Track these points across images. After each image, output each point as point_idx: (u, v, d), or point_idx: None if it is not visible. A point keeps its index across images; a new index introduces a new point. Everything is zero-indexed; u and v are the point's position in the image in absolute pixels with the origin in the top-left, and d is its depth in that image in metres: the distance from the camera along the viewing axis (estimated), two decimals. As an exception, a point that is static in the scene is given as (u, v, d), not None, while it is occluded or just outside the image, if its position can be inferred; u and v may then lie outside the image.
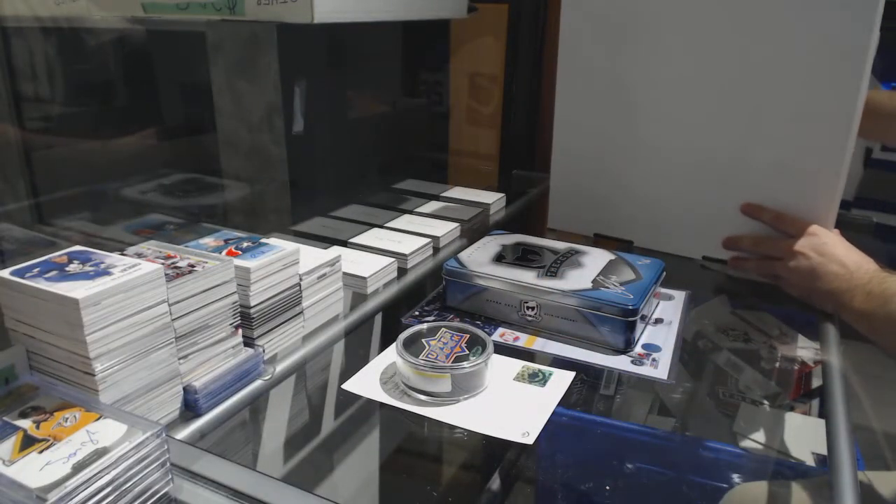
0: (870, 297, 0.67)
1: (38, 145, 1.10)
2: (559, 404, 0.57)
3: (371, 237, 0.88)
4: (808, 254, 0.74)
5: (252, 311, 0.59)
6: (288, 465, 0.56)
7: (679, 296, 0.77)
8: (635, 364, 0.63)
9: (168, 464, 0.44)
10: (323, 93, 0.99)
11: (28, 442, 0.42)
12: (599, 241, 0.95)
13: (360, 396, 0.58)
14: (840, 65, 0.73)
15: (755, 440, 0.63)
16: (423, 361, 0.56)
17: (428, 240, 0.88)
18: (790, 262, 0.76)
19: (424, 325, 0.61)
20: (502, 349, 0.64)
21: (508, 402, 0.56)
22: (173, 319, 0.51)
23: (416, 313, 0.72)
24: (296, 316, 0.65)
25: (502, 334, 0.68)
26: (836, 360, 0.67)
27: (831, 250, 0.73)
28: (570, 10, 0.88)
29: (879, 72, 1.13)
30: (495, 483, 0.59)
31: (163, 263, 0.51)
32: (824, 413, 0.59)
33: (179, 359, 0.52)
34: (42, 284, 0.46)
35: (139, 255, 0.55)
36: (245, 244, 0.63)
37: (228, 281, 0.56)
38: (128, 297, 0.47)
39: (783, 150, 0.79)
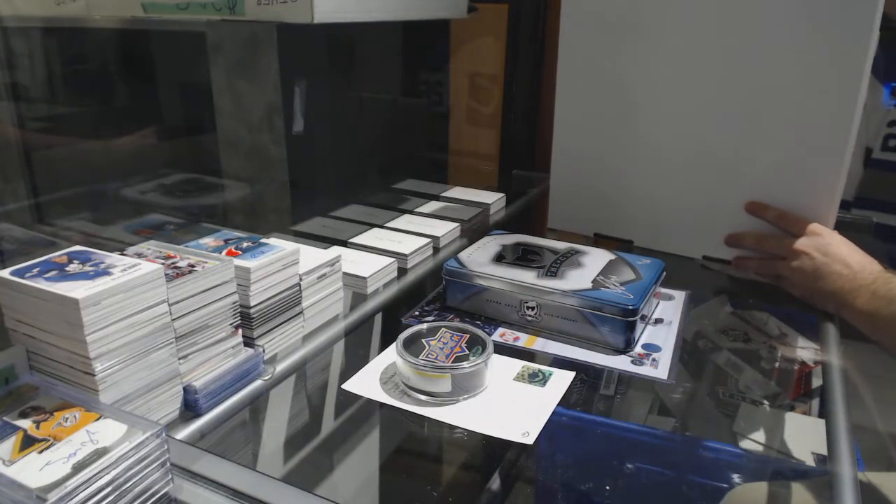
0: (874, 297, 0.67)
1: (37, 145, 1.10)
2: (559, 404, 0.57)
3: (371, 237, 0.88)
4: (812, 253, 0.74)
5: (252, 311, 0.59)
6: (288, 465, 0.56)
7: (679, 296, 0.77)
8: (635, 364, 0.63)
9: (168, 464, 0.44)
10: (323, 93, 0.99)
11: (28, 442, 0.42)
12: (599, 240, 0.95)
13: (360, 396, 0.58)
14: (840, 65, 0.73)
15: (755, 440, 0.63)
16: (423, 361, 0.56)
17: (428, 240, 0.88)
18: (793, 261, 0.75)
19: (424, 325, 0.61)
20: (502, 349, 0.64)
21: (508, 402, 0.56)
22: (173, 319, 0.51)
23: (416, 313, 0.72)
24: (296, 316, 0.65)
25: (502, 334, 0.68)
26: (836, 360, 0.67)
27: (835, 250, 0.73)
28: (570, 10, 0.88)
29: (880, 72, 1.13)
30: (495, 483, 0.59)
31: (163, 263, 0.51)
32: (824, 413, 0.59)
33: (179, 359, 0.52)
34: (42, 284, 0.46)
35: (139, 255, 0.55)
36: (245, 244, 0.63)
37: (228, 281, 0.56)
38: (128, 297, 0.47)
39: (783, 149, 0.79)
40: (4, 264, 0.50)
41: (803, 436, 0.63)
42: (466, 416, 0.55)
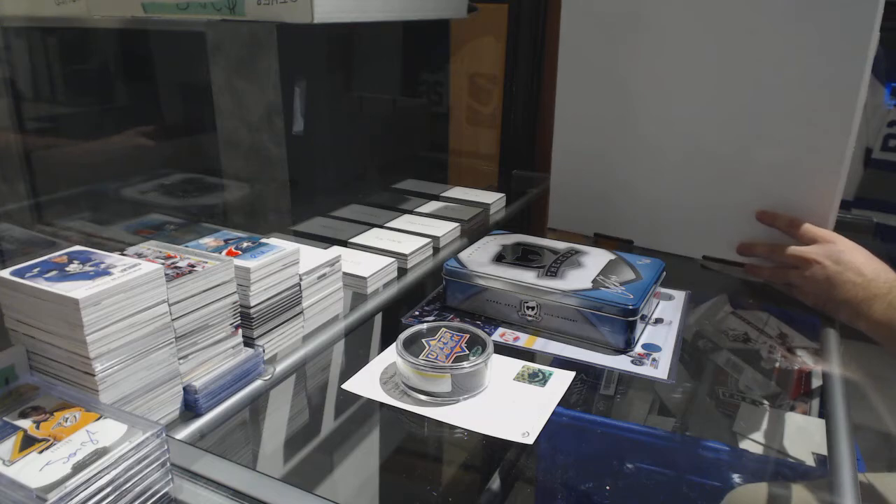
0: (891, 307, 0.65)
1: (38, 145, 1.10)
2: (559, 404, 0.57)
3: (371, 237, 0.88)
4: (824, 262, 0.72)
5: (252, 311, 0.59)
6: (288, 465, 0.56)
7: (679, 296, 0.77)
8: (635, 364, 0.63)
9: (168, 464, 0.44)
10: (323, 93, 0.99)
11: (28, 442, 0.42)
12: (599, 240, 0.95)
13: (360, 396, 0.58)
14: (840, 65, 0.73)
15: (755, 440, 0.63)
16: (423, 361, 0.56)
17: (428, 240, 0.88)
18: (805, 270, 0.74)
19: (424, 325, 0.61)
20: (502, 349, 0.64)
21: (508, 402, 0.56)
22: (173, 319, 0.51)
23: (416, 313, 0.72)
24: (296, 316, 0.65)
25: (502, 334, 0.68)
26: (836, 359, 0.67)
27: (848, 258, 0.71)
28: (570, 10, 0.88)
29: (880, 72, 1.13)
30: (495, 483, 0.59)
31: (163, 263, 0.51)
32: (824, 413, 0.59)
33: (179, 359, 0.52)
34: (42, 284, 0.46)
35: (139, 255, 0.55)
36: (245, 244, 0.63)
37: (228, 281, 0.56)
38: (128, 297, 0.47)
39: (783, 149, 0.79)
40: (4, 264, 0.50)
41: (803, 436, 0.63)
42: (466, 416, 0.55)
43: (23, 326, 0.49)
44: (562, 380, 0.60)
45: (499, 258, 0.73)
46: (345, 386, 0.59)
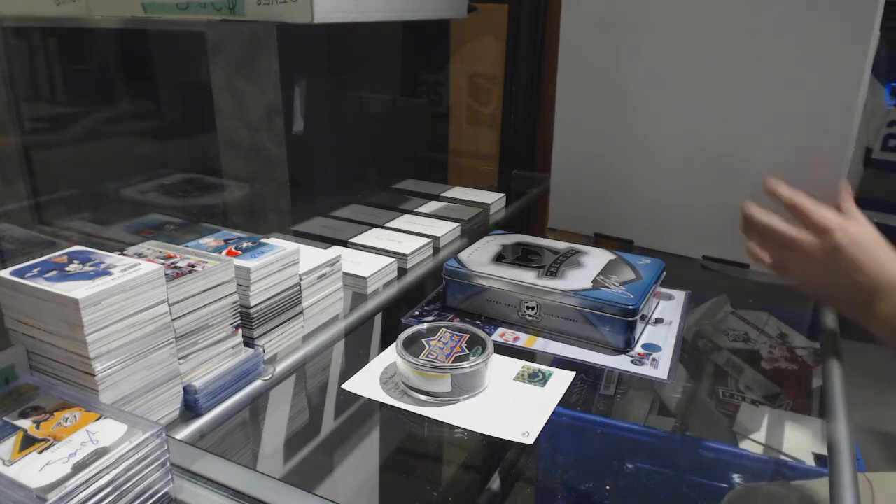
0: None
1: (38, 145, 1.10)
2: (559, 404, 0.57)
3: (371, 237, 0.88)
4: (819, 256, 0.63)
5: (252, 311, 0.59)
6: (288, 465, 0.56)
7: (679, 296, 0.77)
8: (635, 364, 0.63)
9: (168, 464, 0.44)
10: (323, 93, 0.99)
11: (28, 442, 0.42)
12: (600, 240, 0.95)
13: (360, 396, 0.58)
14: (840, 65, 0.73)
15: (755, 440, 0.63)
16: (423, 361, 0.56)
17: (428, 240, 0.88)
18: (800, 260, 0.65)
19: (424, 325, 0.61)
20: (502, 349, 0.64)
21: (508, 402, 0.56)
22: (173, 319, 0.51)
23: (416, 313, 0.72)
24: (296, 316, 0.65)
25: (502, 334, 0.68)
26: (836, 360, 0.67)
27: (848, 253, 0.62)
28: (570, 10, 0.88)
29: (881, 72, 1.13)
30: (495, 483, 0.60)
31: (163, 263, 0.51)
32: (824, 413, 0.59)
33: (179, 359, 0.52)
34: (42, 284, 0.46)
35: (139, 255, 0.55)
36: (245, 244, 0.63)
37: (228, 281, 0.56)
38: (128, 297, 0.47)
39: (783, 149, 0.79)
40: (4, 264, 0.50)
41: (803, 436, 0.63)
42: (466, 416, 0.55)
43: (23, 326, 0.49)
44: (562, 380, 0.60)
45: (499, 258, 0.73)
46: (345, 386, 0.59)
